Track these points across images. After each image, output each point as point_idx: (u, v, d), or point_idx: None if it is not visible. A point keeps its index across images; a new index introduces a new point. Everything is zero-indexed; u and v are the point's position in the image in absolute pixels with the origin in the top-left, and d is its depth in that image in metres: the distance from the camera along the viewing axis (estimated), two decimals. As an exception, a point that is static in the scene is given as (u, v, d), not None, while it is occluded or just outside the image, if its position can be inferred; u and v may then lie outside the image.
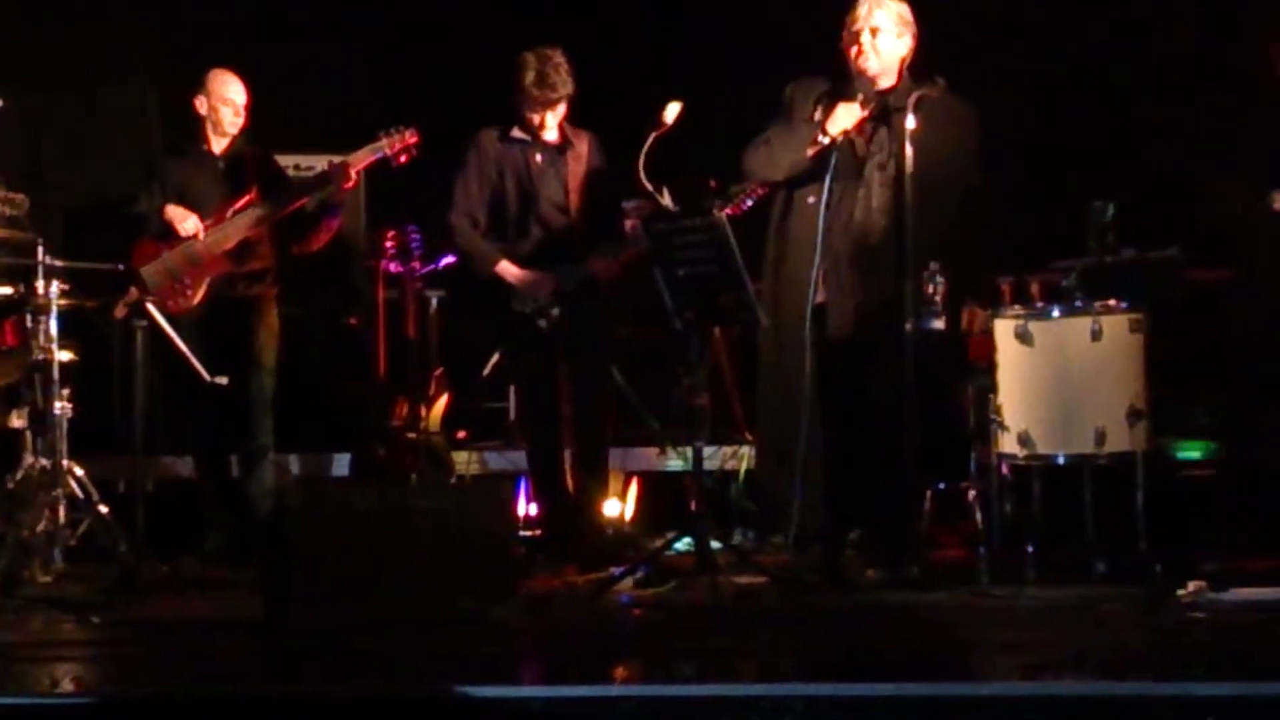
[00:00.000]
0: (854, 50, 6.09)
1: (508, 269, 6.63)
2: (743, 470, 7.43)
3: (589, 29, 7.38)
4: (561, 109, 6.65)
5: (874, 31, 6.08)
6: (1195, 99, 6.29)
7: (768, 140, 6.18)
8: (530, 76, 6.56)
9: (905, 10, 6.15)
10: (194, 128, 7.13)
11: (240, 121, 7.09)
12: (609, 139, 6.70)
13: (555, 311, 6.58)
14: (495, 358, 7.22)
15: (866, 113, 6.04)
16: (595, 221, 6.67)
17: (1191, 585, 5.69)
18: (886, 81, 6.14)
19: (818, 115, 6.10)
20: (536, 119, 6.63)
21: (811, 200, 6.04)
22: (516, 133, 6.71)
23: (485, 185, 6.73)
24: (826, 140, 6.01)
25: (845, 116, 6.03)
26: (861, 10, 6.11)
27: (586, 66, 6.67)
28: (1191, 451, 6.69)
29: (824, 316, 6.10)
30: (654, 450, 7.36)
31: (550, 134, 6.70)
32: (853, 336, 6.13)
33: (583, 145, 6.69)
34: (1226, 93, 6.02)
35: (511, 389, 7.63)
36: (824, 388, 6.05)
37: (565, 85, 6.59)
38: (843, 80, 6.12)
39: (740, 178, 6.16)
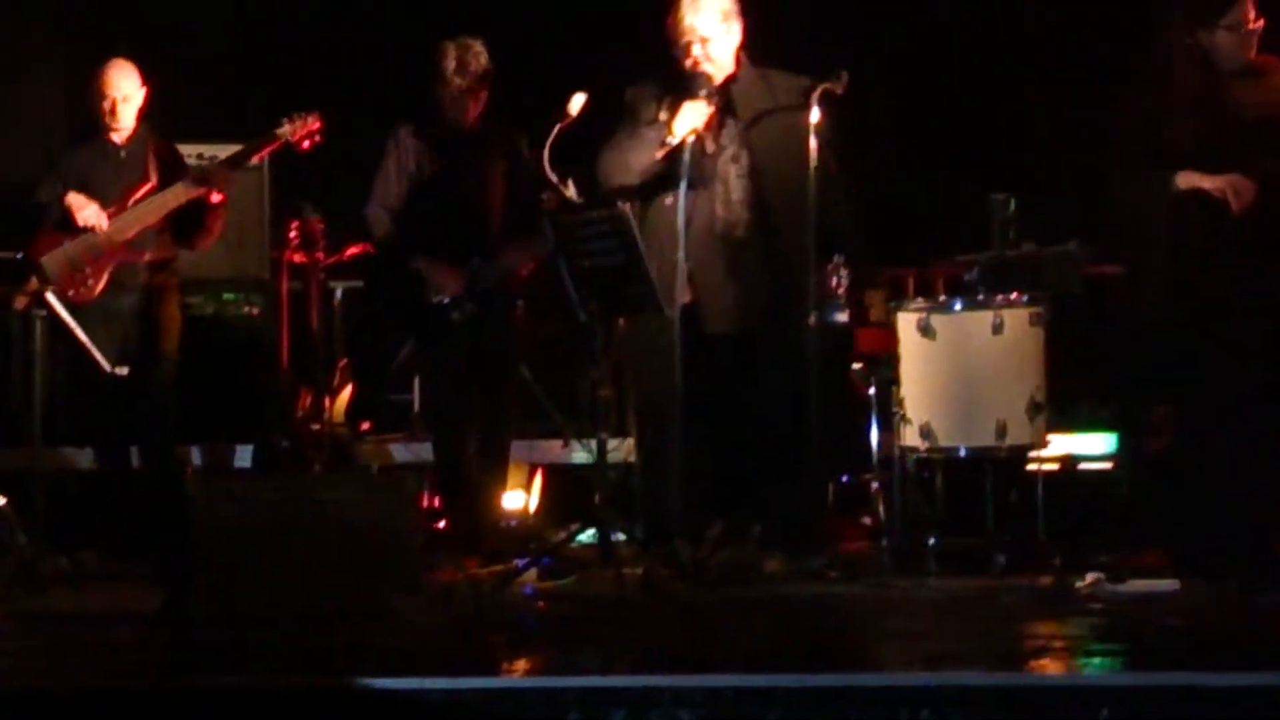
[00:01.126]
0: (689, 61, 6.06)
1: (423, 262, 6.59)
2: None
3: (499, 20, 7.33)
4: (482, 97, 6.62)
5: (704, 41, 6.07)
6: (1095, 92, 6.33)
7: (618, 145, 6.15)
8: (450, 65, 6.56)
9: (724, 2, 6.11)
10: (97, 114, 7.08)
11: (135, 110, 7.04)
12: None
13: (470, 305, 6.55)
14: (408, 347, 7.20)
15: (714, 108, 6.02)
16: (513, 215, 6.64)
17: (1090, 577, 5.76)
18: (726, 70, 6.13)
19: (663, 115, 6.07)
20: (457, 107, 6.60)
21: (669, 201, 6.01)
22: (437, 126, 6.68)
23: (403, 177, 6.71)
24: (675, 141, 5.97)
25: (692, 115, 5.99)
26: (685, 22, 6.06)
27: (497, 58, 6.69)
28: (1096, 449, 6.76)
29: (696, 314, 6.06)
30: (558, 443, 7.35)
31: (471, 130, 6.67)
32: (734, 330, 6.11)
33: (502, 138, 6.66)
34: (1125, 86, 6.07)
35: (416, 381, 7.62)
36: (709, 383, 6.03)
37: (478, 65, 6.59)
38: (681, 78, 6.09)
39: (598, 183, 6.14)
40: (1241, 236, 5.77)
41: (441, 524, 6.82)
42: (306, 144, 6.99)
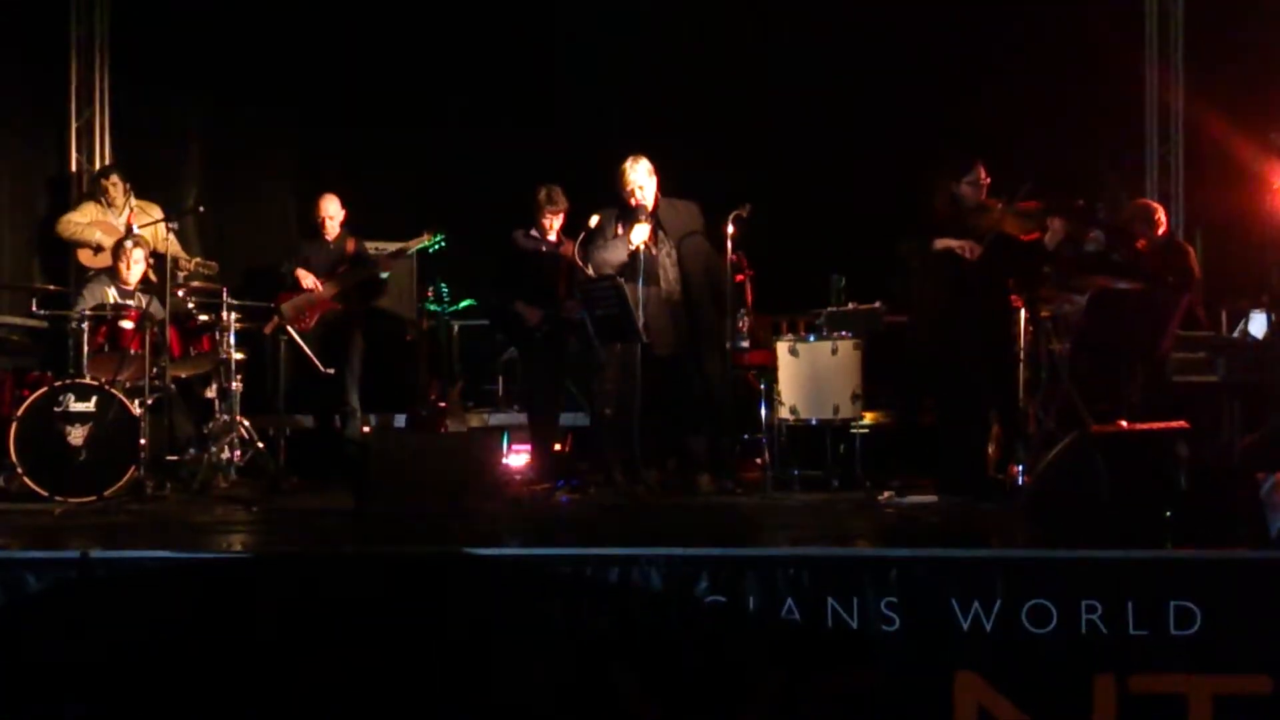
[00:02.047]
0: (632, 200, 6.05)
1: (523, 307, 6.56)
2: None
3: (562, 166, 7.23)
4: (560, 219, 6.59)
5: (640, 188, 6.07)
6: (896, 215, 6.29)
7: (599, 248, 6.10)
8: (542, 196, 6.55)
9: (647, 163, 6.10)
10: (315, 224, 7.09)
11: (338, 223, 7.06)
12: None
13: (546, 328, 6.52)
14: (510, 351, 7.15)
15: (651, 225, 6.02)
16: (569, 283, 6.52)
17: (886, 493, 5.78)
18: (650, 205, 6.10)
19: (621, 231, 6.04)
20: (545, 224, 6.58)
21: (631, 285, 5.97)
22: (533, 233, 6.64)
23: (516, 261, 6.66)
24: (633, 247, 5.98)
25: (640, 233, 5.99)
26: (629, 178, 6.05)
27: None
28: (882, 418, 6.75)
29: (649, 345, 5.98)
30: (581, 413, 7.33)
31: (551, 235, 6.64)
32: (669, 353, 6.06)
33: (570, 245, 6.59)
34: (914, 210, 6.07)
35: (501, 378, 7.58)
36: (661, 383, 5.99)
37: (562, 203, 6.55)
38: (628, 209, 6.06)
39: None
40: (965, 299, 5.78)
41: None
42: (434, 249, 7.01)
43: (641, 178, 6.07)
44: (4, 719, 3.85)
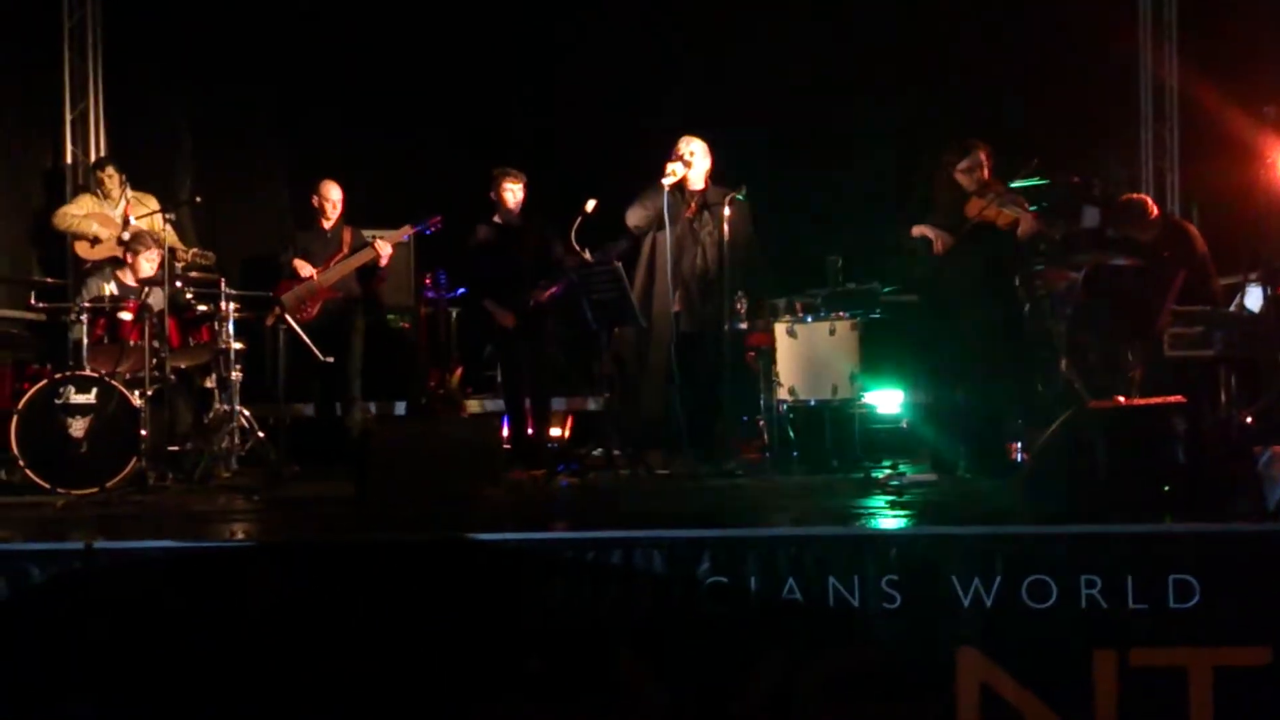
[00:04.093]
0: (679, 160, 6.20)
1: (493, 307, 6.61)
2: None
3: (540, 157, 7.26)
4: (521, 190, 6.62)
5: (692, 154, 6.23)
6: (894, 203, 6.28)
7: (641, 202, 6.23)
8: (498, 171, 6.63)
9: (704, 145, 6.29)
10: (313, 212, 7.06)
11: (339, 210, 7.03)
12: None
13: (520, 329, 6.56)
14: (489, 349, 7.17)
15: (687, 170, 6.17)
16: (537, 267, 6.59)
17: (885, 472, 5.77)
18: (699, 185, 6.22)
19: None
20: (506, 199, 6.60)
21: (662, 243, 6.09)
22: (496, 219, 6.67)
23: (481, 252, 6.70)
24: (669, 182, 6.10)
25: (674, 167, 6.14)
26: (681, 147, 6.24)
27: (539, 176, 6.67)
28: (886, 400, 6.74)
29: (678, 319, 6.13)
30: (580, 398, 7.32)
31: (515, 219, 6.63)
32: (696, 330, 6.15)
33: (535, 224, 6.61)
34: (909, 196, 6.06)
35: (499, 366, 7.58)
36: (681, 360, 6.06)
37: (519, 176, 6.63)
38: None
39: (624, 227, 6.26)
40: (965, 279, 5.77)
41: (510, 446, 6.76)
42: (432, 230, 7.00)
43: (696, 148, 6.27)
44: (8, 710, 3.85)
